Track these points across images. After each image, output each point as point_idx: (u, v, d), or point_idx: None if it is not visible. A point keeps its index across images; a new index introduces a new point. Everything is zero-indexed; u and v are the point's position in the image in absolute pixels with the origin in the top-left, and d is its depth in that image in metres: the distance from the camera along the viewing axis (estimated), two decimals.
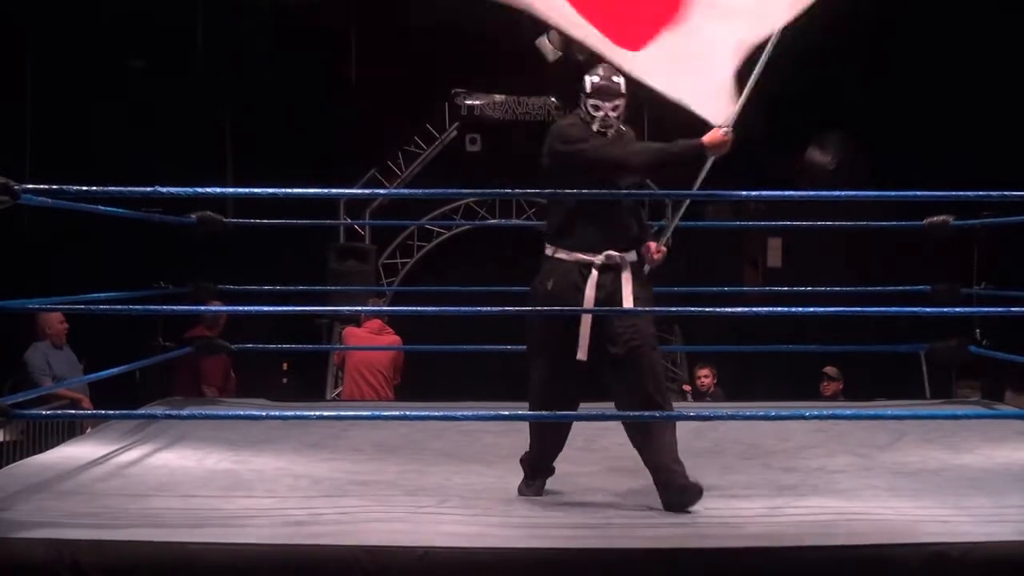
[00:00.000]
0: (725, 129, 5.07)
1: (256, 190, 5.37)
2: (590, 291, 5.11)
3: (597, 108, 5.16)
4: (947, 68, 12.14)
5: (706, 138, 5.09)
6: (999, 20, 11.75)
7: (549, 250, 5.24)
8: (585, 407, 5.42)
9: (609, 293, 5.14)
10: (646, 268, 5.33)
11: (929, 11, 11.89)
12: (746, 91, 5.13)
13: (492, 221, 13.18)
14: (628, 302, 5.13)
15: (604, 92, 5.16)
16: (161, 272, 7.70)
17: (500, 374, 5.05)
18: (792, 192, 6.17)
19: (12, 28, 11.88)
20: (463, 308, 5.97)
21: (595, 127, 5.16)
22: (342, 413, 5.93)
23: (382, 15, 12.87)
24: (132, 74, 12.69)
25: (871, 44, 12.49)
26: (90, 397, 8.97)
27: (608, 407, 5.31)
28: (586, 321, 5.09)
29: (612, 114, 5.16)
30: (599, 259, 5.13)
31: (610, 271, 5.15)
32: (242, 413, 6.74)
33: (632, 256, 5.22)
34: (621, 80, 5.18)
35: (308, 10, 12.35)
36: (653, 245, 5.30)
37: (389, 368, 9.71)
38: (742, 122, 5.10)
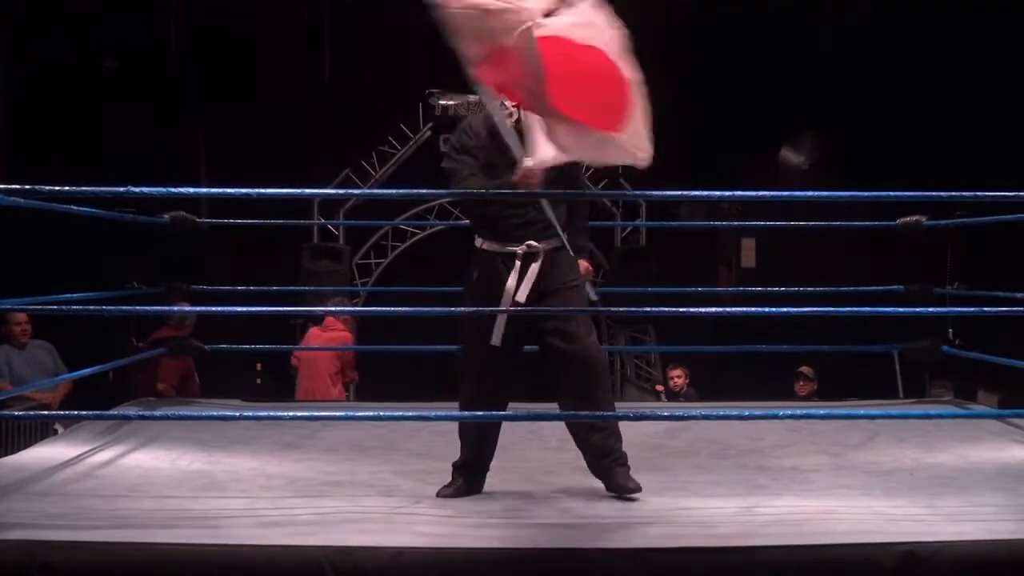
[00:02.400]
0: (528, 168, 4.98)
1: (230, 190, 5.34)
2: (511, 280, 5.21)
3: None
4: (921, 68, 12.18)
5: (517, 175, 5.06)
6: (972, 20, 11.81)
7: (477, 242, 5.42)
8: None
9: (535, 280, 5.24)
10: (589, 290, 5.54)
11: (901, 11, 11.93)
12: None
13: (466, 221, 13.15)
14: (523, 293, 5.19)
15: None
16: (134, 272, 7.66)
17: None
18: (766, 192, 6.17)
19: None
20: (437, 308, 5.97)
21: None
22: (316, 413, 5.89)
23: (356, 14, 12.84)
24: (105, 74, 12.63)
25: (846, 45, 12.53)
26: (72, 397, 8.92)
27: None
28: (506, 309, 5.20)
29: None
30: (521, 249, 5.24)
31: (532, 259, 5.25)
32: (215, 414, 6.72)
33: (556, 243, 5.29)
34: None
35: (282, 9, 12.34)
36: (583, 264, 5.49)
37: (333, 363, 9.69)
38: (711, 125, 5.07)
